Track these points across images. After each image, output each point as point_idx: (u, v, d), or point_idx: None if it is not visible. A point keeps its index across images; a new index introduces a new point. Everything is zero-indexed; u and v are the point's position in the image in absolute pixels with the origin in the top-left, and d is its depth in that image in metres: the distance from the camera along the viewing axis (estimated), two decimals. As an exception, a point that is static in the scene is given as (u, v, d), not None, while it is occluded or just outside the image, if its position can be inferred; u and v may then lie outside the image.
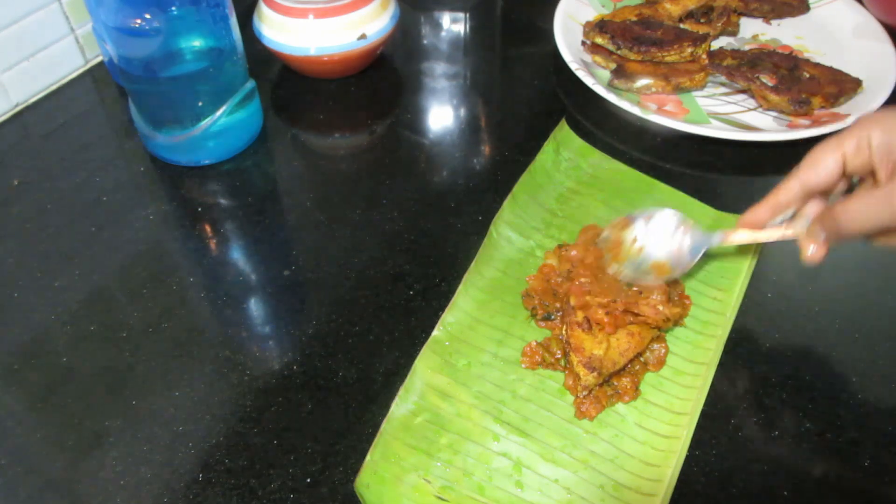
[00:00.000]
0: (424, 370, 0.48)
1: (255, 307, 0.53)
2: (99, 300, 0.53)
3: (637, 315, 0.47)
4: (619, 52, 0.71)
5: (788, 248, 0.56)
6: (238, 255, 0.57)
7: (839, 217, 0.42)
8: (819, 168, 0.43)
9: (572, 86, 0.70)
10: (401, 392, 0.46)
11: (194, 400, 0.47)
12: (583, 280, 0.48)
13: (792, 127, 0.65)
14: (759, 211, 0.46)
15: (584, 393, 0.46)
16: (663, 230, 0.49)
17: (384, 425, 0.45)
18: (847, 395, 0.47)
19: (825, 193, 0.46)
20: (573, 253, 0.51)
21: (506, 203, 0.57)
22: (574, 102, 0.70)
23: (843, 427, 0.46)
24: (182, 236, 0.58)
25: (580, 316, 0.47)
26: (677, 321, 0.50)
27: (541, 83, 0.73)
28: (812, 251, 0.45)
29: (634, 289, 0.48)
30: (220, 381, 0.48)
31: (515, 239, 0.56)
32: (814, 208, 0.46)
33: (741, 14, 0.78)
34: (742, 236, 0.49)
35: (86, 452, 0.45)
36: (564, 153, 0.62)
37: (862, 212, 0.41)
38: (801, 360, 0.49)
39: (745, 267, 0.54)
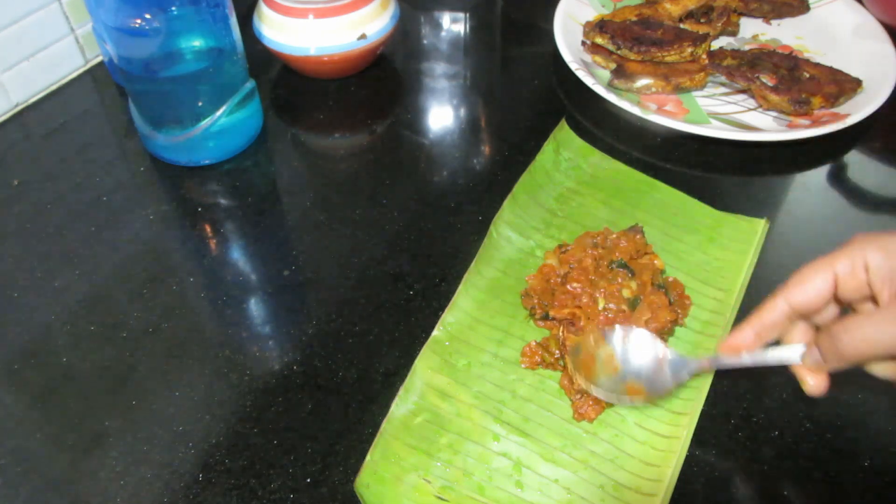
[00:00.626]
0: (424, 370, 0.48)
1: (255, 307, 0.53)
2: (99, 300, 0.53)
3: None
4: (619, 52, 0.71)
5: (788, 249, 0.56)
6: (238, 255, 0.57)
7: (841, 338, 0.37)
8: (808, 287, 0.39)
9: (572, 86, 0.70)
10: (401, 392, 0.46)
11: (194, 400, 0.47)
12: (575, 285, 0.48)
13: (792, 127, 0.65)
14: (743, 333, 0.41)
15: (579, 396, 0.46)
16: (641, 351, 0.45)
17: (384, 425, 0.45)
18: (847, 396, 0.47)
19: (812, 317, 0.42)
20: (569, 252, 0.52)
21: (506, 203, 0.57)
22: (574, 102, 0.70)
23: (843, 427, 0.46)
24: (182, 236, 0.58)
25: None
26: (676, 324, 0.50)
27: (541, 83, 0.73)
28: (813, 384, 0.41)
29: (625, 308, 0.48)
30: (220, 381, 0.48)
31: (515, 239, 0.56)
32: (800, 335, 0.42)
33: (741, 14, 0.78)
34: (729, 360, 0.43)
35: (86, 452, 0.45)
36: (564, 153, 0.62)
37: (867, 332, 0.36)
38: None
39: (745, 267, 0.54)
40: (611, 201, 0.59)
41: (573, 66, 0.69)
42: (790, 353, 0.41)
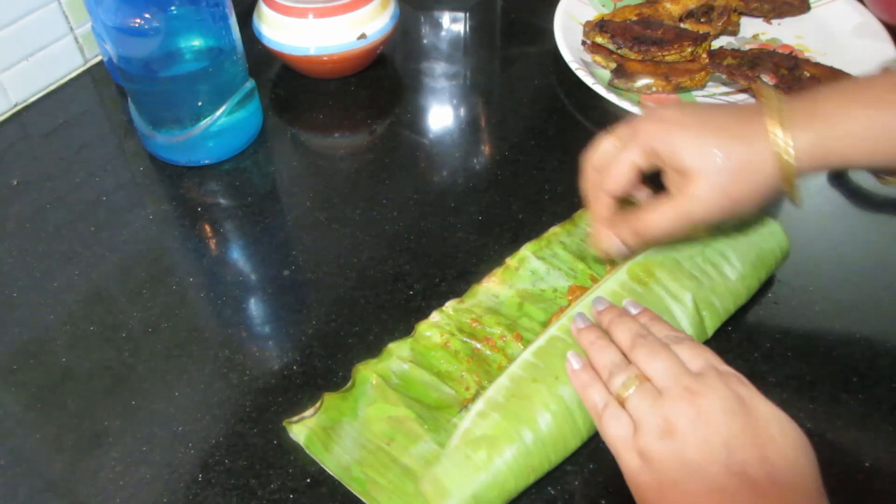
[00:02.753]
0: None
1: (255, 307, 0.53)
2: (98, 300, 0.53)
3: None
4: (619, 51, 0.71)
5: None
6: (238, 255, 0.57)
7: (639, 229, 0.45)
8: (621, 179, 0.45)
9: (572, 86, 0.70)
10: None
11: (194, 400, 0.47)
12: None
13: (792, 127, 0.65)
14: (611, 237, 0.48)
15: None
16: None
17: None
18: (847, 395, 0.47)
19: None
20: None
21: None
22: (574, 102, 0.70)
23: (843, 427, 0.46)
24: (182, 236, 0.58)
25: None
26: None
27: (541, 83, 0.73)
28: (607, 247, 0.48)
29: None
30: (219, 381, 0.48)
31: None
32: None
33: (741, 13, 0.78)
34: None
35: (85, 452, 0.45)
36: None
37: (659, 225, 0.44)
38: (801, 360, 0.49)
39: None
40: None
41: (573, 65, 0.69)
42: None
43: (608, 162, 0.46)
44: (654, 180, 0.46)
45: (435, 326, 0.49)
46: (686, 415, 0.36)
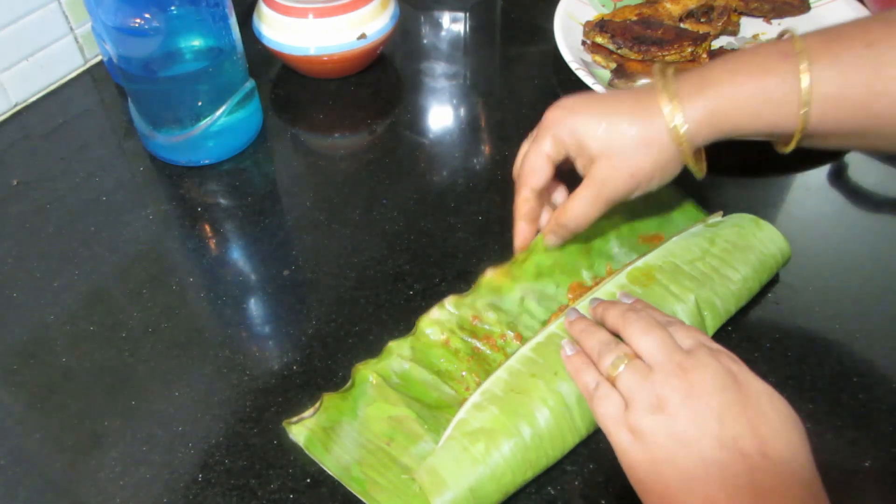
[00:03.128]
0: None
1: (255, 307, 0.53)
2: (98, 300, 0.53)
3: None
4: (619, 51, 0.71)
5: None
6: (238, 255, 0.57)
7: (562, 220, 0.48)
8: (539, 173, 0.48)
9: (572, 86, 0.70)
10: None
11: (194, 400, 0.47)
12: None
13: (792, 127, 0.65)
14: (526, 231, 0.51)
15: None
16: None
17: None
18: (847, 395, 0.47)
19: (549, 194, 0.53)
20: None
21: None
22: (574, 102, 0.69)
23: (843, 427, 0.46)
24: (182, 236, 0.58)
25: None
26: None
27: (541, 83, 0.73)
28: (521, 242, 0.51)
29: None
30: (219, 381, 0.48)
31: None
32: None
33: (741, 13, 0.78)
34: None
35: (85, 452, 0.45)
36: None
37: (578, 211, 0.47)
38: (801, 360, 0.49)
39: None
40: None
41: (573, 65, 0.69)
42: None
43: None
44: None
45: (436, 323, 0.49)
46: (677, 389, 0.36)
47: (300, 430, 0.44)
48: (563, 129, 0.46)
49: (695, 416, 0.36)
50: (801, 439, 0.36)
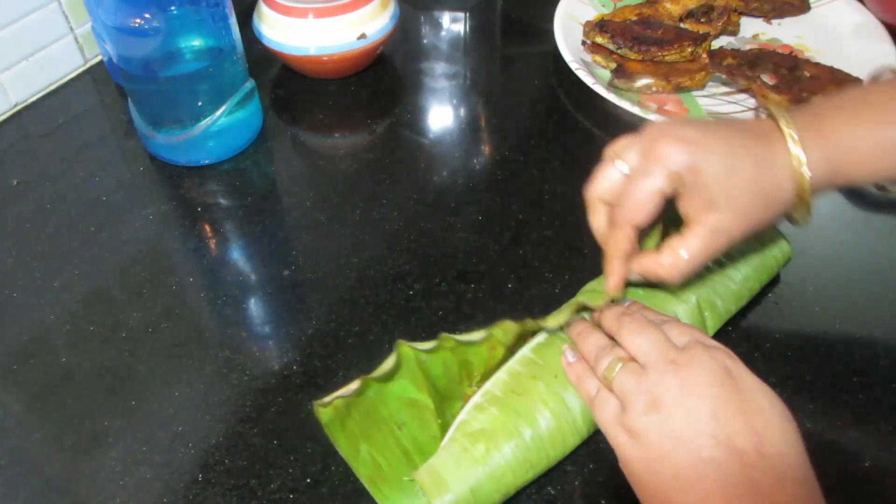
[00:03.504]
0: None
1: (255, 307, 0.53)
2: (98, 300, 0.53)
3: None
4: (619, 51, 0.71)
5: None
6: (238, 255, 0.57)
7: (661, 273, 0.42)
8: (647, 208, 0.42)
9: (572, 86, 0.70)
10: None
11: (194, 400, 0.47)
12: None
13: (792, 127, 0.65)
14: (621, 271, 0.45)
15: None
16: None
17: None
18: (847, 395, 0.47)
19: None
20: None
21: None
22: (574, 102, 0.70)
23: (844, 427, 0.46)
24: (182, 236, 0.58)
25: None
26: None
27: (541, 83, 0.73)
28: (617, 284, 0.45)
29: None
30: (219, 381, 0.48)
31: None
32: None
33: (741, 13, 0.78)
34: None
35: (85, 452, 0.45)
36: None
37: (682, 266, 0.42)
38: (801, 360, 0.49)
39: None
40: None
41: (573, 65, 0.69)
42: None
43: (620, 191, 0.43)
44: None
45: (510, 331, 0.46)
46: (671, 387, 0.36)
47: (326, 410, 0.44)
48: (682, 165, 0.40)
49: (689, 413, 0.35)
50: (796, 436, 0.36)
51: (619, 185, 0.43)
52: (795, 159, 0.40)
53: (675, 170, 0.40)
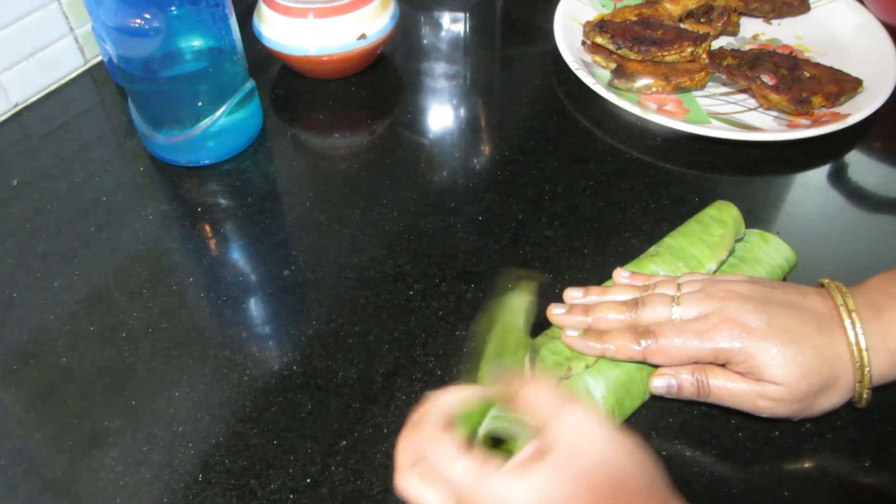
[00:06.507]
0: None
1: (255, 307, 0.53)
2: (98, 300, 0.53)
3: None
4: (619, 51, 0.71)
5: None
6: (238, 255, 0.57)
7: (711, 390, 0.44)
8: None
9: (572, 86, 0.70)
10: None
11: (194, 400, 0.47)
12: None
13: (792, 127, 0.65)
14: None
15: None
16: None
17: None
18: (847, 396, 0.47)
19: None
20: None
21: None
22: (574, 102, 0.70)
23: (843, 427, 0.46)
24: (182, 236, 0.58)
25: None
26: None
27: (541, 83, 0.73)
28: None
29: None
30: (220, 381, 0.48)
31: None
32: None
33: (741, 14, 0.78)
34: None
35: (85, 452, 0.45)
36: None
37: (727, 390, 0.43)
38: (801, 360, 0.49)
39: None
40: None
41: (573, 66, 0.69)
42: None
43: (655, 322, 0.44)
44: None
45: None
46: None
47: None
48: (732, 350, 0.42)
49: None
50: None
51: (662, 318, 0.44)
52: (857, 357, 0.42)
53: (726, 348, 0.42)
